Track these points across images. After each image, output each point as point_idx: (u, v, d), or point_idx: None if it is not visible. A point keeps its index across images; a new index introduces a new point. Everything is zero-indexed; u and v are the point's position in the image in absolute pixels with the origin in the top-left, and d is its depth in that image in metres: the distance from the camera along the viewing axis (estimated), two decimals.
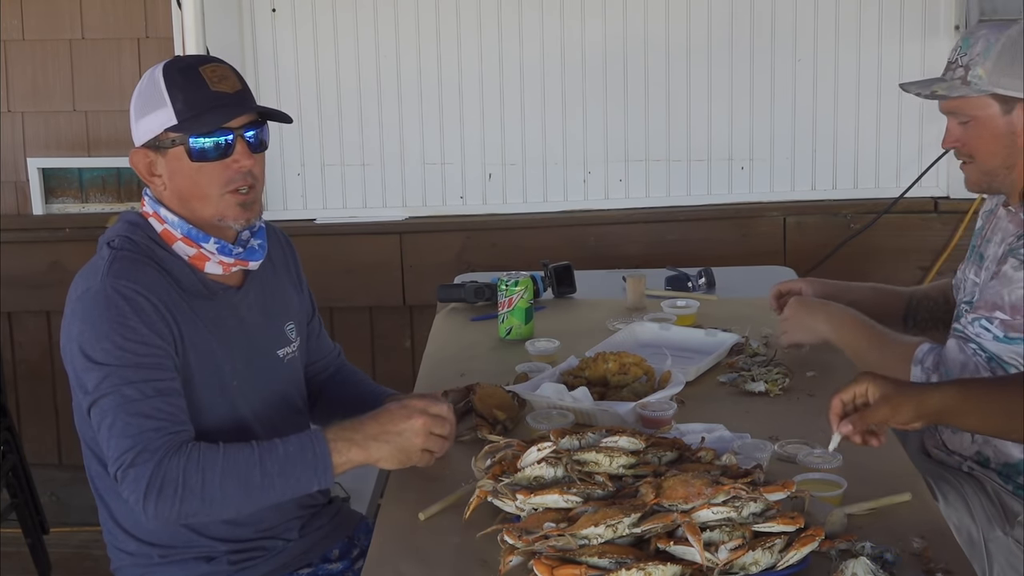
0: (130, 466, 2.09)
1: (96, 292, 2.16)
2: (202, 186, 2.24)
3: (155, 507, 2.08)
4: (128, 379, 2.12)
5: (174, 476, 2.08)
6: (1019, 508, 2.60)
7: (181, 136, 2.22)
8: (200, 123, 2.21)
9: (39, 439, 4.41)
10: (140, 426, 2.10)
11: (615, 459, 2.08)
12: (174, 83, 2.21)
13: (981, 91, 2.56)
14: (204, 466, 2.10)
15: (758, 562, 1.86)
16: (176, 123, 2.21)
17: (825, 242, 4.37)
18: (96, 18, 4.25)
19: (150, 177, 2.27)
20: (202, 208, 2.26)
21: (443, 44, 4.33)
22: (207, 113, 2.21)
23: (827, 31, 4.34)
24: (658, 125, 4.39)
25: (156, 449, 2.09)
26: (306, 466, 2.14)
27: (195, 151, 2.22)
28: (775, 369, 2.76)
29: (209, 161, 2.23)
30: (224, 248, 2.29)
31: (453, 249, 4.40)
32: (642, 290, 3.34)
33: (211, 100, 2.21)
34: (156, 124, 2.22)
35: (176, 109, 2.20)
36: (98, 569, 3.74)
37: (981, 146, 2.60)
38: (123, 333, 2.14)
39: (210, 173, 2.24)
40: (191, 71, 2.23)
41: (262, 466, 2.12)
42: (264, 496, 2.15)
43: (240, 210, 2.27)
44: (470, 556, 2.01)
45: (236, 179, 2.26)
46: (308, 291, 2.59)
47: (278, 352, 2.42)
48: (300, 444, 2.16)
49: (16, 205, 4.38)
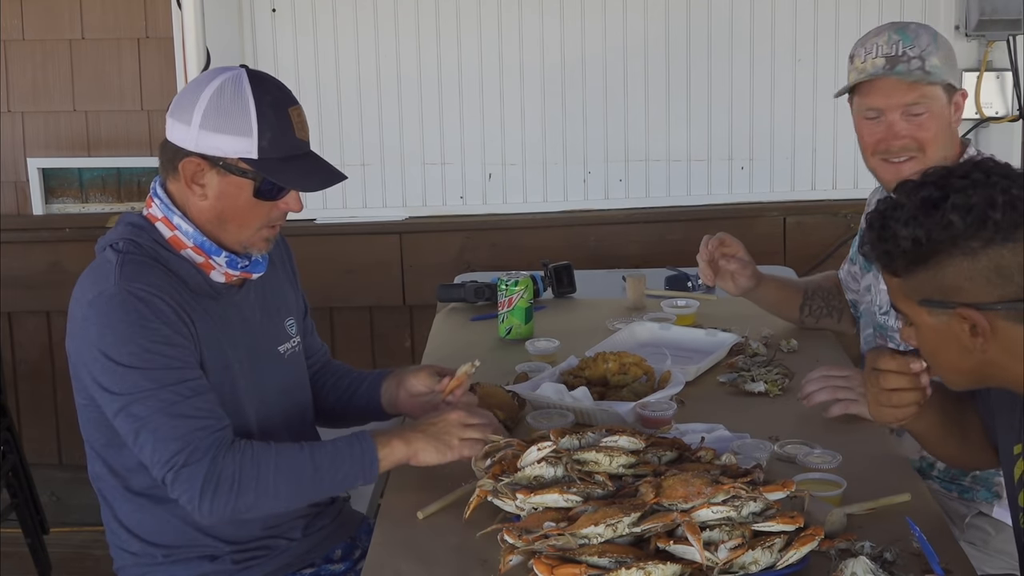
0: (183, 466, 2.11)
1: (112, 295, 2.16)
2: (248, 218, 2.26)
3: (211, 504, 2.11)
4: (162, 382, 2.13)
5: (230, 472, 2.11)
6: (964, 510, 2.61)
7: (255, 172, 2.21)
8: (284, 174, 2.22)
9: (39, 439, 4.41)
10: (186, 427, 2.12)
11: (615, 459, 2.08)
12: (264, 116, 2.19)
13: (940, 80, 2.59)
14: (259, 462, 2.13)
15: (758, 561, 1.86)
16: (256, 159, 2.20)
17: (825, 242, 4.37)
18: (96, 18, 4.25)
19: (191, 184, 2.24)
20: (236, 233, 2.27)
21: (443, 44, 4.34)
22: (292, 161, 2.22)
23: (827, 31, 4.34)
24: (658, 125, 4.39)
25: (208, 448, 2.12)
26: (354, 460, 2.19)
27: (262, 192, 2.23)
28: (775, 369, 2.76)
29: (266, 200, 2.25)
30: (232, 262, 2.30)
31: (453, 249, 4.40)
32: (642, 290, 3.34)
33: (294, 148, 2.23)
34: (232, 147, 2.20)
35: (261, 145, 2.19)
36: (98, 569, 3.75)
37: (933, 137, 2.61)
38: (148, 336, 2.14)
39: (261, 209, 2.26)
40: (280, 110, 2.22)
41: (313, 461, 2.17)
42: (314, 490, 2.21)
43: (266, 244, 2.32)
44: (470, 556, 2.02)
45: (277, 218, 2.29)
46: (300, 290, 2.60)
47: (279, 348, 2.43)
48: (347, 440, 2.22)
49: (16, 205, 4.38)
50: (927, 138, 2.60)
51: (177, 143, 2.23)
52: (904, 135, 2.61)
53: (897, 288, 1.86)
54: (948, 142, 2.64)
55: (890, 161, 2.64)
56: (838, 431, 2.46)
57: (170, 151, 2.25)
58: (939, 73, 2.59)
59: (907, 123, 2.61)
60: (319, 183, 2.28)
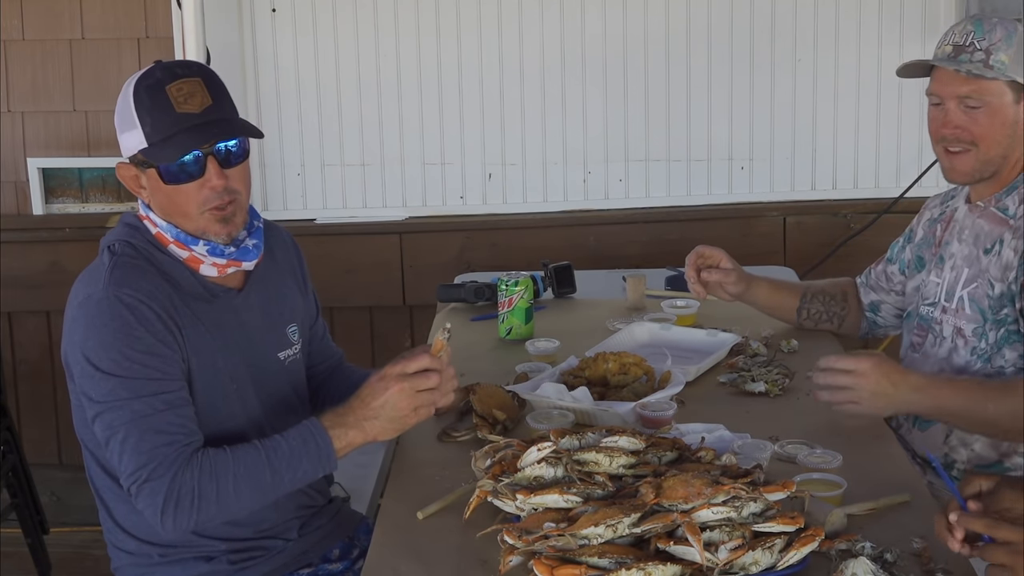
0: (145, 481, 2.10)
1: (99, 300, 2.16)
2: (180, 205, 2.23)
3: (173, 520, 2.10)
4: (137, 392, 2.12)
5: (189, 488, 2.10)
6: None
7: (148, 160, 2.21)
8: (164, 152, 2.18)
9: (39, 439, 4.41)
10: (153, 442, 2.11)
11: (615, 459, 2.08)
12: (142, 104, 2.18)
13: (1002, 75, 2.57)
14: (217, 473, 2.11)
15: (758, 562, 1.86)
16: (146, 146, 2.19)
17: (825, 242, 4.37)
18: (96, 18, 4.25)
19: (137, 189, 2.27)
20: (185, 224, 2.25)
21: (443, 44, 4.34)
22: (174, 137, 2.17)
23: (827, 31, 4.34)
24: (658, 125, 4.39)
25: (170, 464, 2.10)
26: (311, 457, 2.17)
27: (166, 176, 2.21)
28: (775, 369, 2.76)
29: (182, 184, 2.22)
30: (215, 250, 2.27)
31: (453, 249, 4.40)
32: (642, 290, 3.34)
33: (176, 123, 2.17)
34: (131, 144, 2.21)
35: (145, 132, 2.18)
36: (98, 569, 3.74)
37: (988, 133, 2.59)
38: (130, 344, 2.13)
39: (186, 194, 2.22)
40: (157, 91, 2.18)
41: (270, 464, 2.14)
42: (275, 491, 2.18)
43: (220, 226, 2.25)
44: (470, 556, 2.01)
45: (212, 198, 2.23)
46: (313, 293, 2.59)
47: (279, 355, 2.42)
48: (302, 437, 2.17)
49: (16, 205, 4.38)
50: (980, 133, 2.59)
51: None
52: (957, 125, 2.61)
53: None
54: (1008, 140, 2.60)
55: (948, 150, 2.65)
56: (838, 431, 2.46)
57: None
58: (1003, 69, 2.56)
59: (964, 114, 2.61)
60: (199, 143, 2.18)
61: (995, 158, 2.61)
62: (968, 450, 2.61)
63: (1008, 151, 2.61)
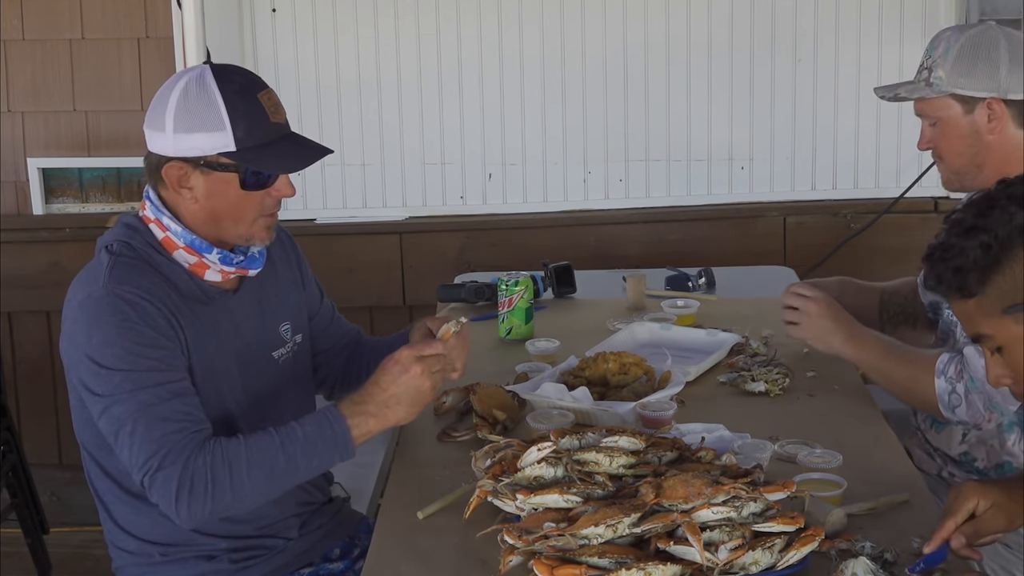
0: (158, 470, 2.09)
1: (99, 298, 2.16)
2: (242, 211, 2.25)
3: (188, 507, 2.09)
4: (143, 384, 2.12)
5: (202, 474, 2.09)
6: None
7: (237, 164, 2.21)
8: (264, 159, 2.21)
9: (39, 439, 4.41)
10: (162, 430, 2.10)
11: (615, 459, 2.08)
12: (234, 107, 2.18)
13: (941, 92, 2.61)
14: (230, 460, 2.11)
15: (758, 562, 1.86)
16: (235, 151, 2.19)
17: (825, 242, 4.36)
18: (96, 18, 4.24)
19: (179, 189, 2.23)
20: (234, 228, 2.26)
21: (443, 44, 4.33)
22: (271, 146, 2.21)
23: (827, 31, 4.34)
24: (658, 125, 4.39)
25: (181, 450, 2.10)
26: (326, 443, 2.16)
27: (249, 183, 2.22)
28: (775, 369, 2.76)
29: (256, 190, 2.24)
30: (226, 258, 2.29)
31: (453, 249, 4.40)
32: (642, 290, 3.34)
33: (274, 132, 2.22)
34: (209, 144, 2.19)
35: (236, 136, 2.18)
36: (98, 569, 3.74)
37: (947, 146, 2.64)
38: (132, 338, 2.13)
39: (253, 200, 2.25)
40: (250, 97, 2.20)
41: (284, 451, 2.13)
42: (290, 479, 2.17)
43: (267, 232, 2.30)
44: (470, 556, 2.02)
45: (271, 206, 2.28)
46: (314, 281, 2.59)
47: (272, 354, 2.42)
48: (318, 424, 2.17)
49: (16, 205, 4.37)
50: (943, 147, 2.64)
51: (157, 151, 2.23)
52: (928, 140, 2.67)
53: (974, 311, 1.78)
54: (972, 150, 2.61)
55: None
56: (838, 431, 2.46)
57: (153, 161, 2.25)
58: (942, 85, 2.60)
59: (930, 130, 2.67)
60: (302, 162, 2.27)
61: (964, 168, 2.63)
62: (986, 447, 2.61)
63: (978, 160, 2.62)
